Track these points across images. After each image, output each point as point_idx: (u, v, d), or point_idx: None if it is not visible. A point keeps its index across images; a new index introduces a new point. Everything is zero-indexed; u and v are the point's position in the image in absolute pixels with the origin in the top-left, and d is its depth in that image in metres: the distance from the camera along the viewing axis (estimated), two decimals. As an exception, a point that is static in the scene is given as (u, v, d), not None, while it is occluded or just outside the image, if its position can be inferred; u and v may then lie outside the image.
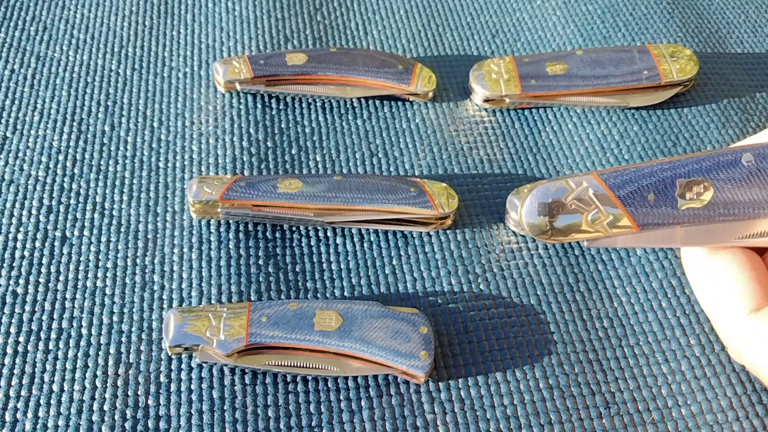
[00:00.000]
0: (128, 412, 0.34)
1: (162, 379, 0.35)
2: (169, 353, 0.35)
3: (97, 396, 0.34)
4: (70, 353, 0.36)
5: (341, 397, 0.35)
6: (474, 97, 0.48)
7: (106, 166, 0.44)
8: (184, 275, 0.39)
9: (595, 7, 0.55)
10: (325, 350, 0.35)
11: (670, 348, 0.37)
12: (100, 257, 0.39)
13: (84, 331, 0.36)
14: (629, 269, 0.40)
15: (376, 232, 0.41)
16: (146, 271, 0.39)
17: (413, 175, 0.44)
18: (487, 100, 0.47)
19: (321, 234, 0.41)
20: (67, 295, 0.38)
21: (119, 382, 0.35)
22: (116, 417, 0.34)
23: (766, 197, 0.28)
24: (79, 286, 0.38)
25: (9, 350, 0.36)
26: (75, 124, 0.46)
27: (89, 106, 0.47)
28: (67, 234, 0.40)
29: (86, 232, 0.40)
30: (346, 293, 0.39)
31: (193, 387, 0.35)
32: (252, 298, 0.38)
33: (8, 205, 0.41)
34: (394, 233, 0.41)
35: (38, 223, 0.41)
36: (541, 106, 0.48)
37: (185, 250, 0.40)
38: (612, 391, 0.35)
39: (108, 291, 0.38)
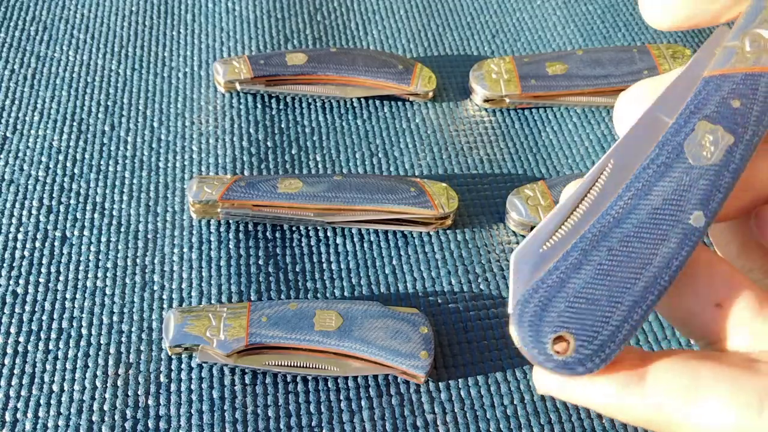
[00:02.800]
0: (128, 412, 0.34)
1: (162, 379, 0.35)
2: (169, 353, 0.35)
3: (97, 396, 0.34)
4: (70, 353, 0.36)
5: (341, 397, 0.35)
6: (474, 97, 0.48)
7: (106, 166, 0.44)
8: (184, 275, 0.39)
9: (595, 7, 0.55)
10: (325, 350, 0.35)
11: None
12: (100, 257, 0.39)
13: (84, 331, 0.36)
14: (629, 269, 0.40)
15: (376, 232, 0.41)
16: (146, 271, 0.39)
17: (413, 175, 0.44)
18: (487, 100, 0.47)
19: (321, 234, 0.41)
20: (67, 295, 0.38)
21: (119, 382, 0.35)
22: (116, 417, 0.34)
23: None
24: (79, 286, 0.38)
25: (9, 350, 0.36)
26: (75, 124, 0.46)
27: (89, 106, 0.47)
28: (67, 234, 0.40)
29: (86, 232, 0.40)
30: (346, 293, 0.39)
31: (193, 387, 0.35)
32: (252, 298, 0.38)
33: (8, 205, 0.41)
34: (394, 233, 0.41)
35: (38, 223, 0.41)
36: (541, 106, 0.48)
37: (185, 250, 0.40)
38: (612, 391, 0.35)
39: (108, 291, 0.38)
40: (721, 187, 0.20)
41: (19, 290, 0.38)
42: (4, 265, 0.39)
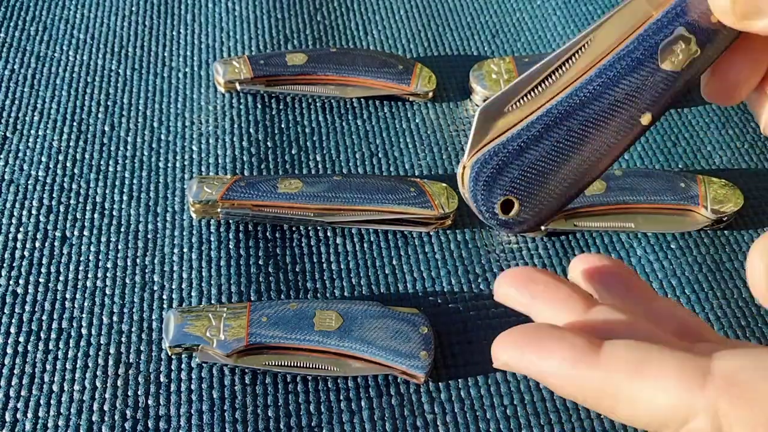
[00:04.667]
0: (128, 412, 0.34)
1: (162, 379, 0.35)
2: (169, 353, 0.35)
3: (97, 396, 0.34)
4: (70, 353, 0.36)
5: (341, 397, 0.35)
6: (474, 97, 0.48)
7: (106, 166, 0.44)
8: (184, 275, 0.39)
9: (595, 7, 0.55)
10: (325, 350, 0.35)
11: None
12: (100, 257, 0.39)
13: (84, 331, 0.36)
14: (629, 269, 0.40)
15: (376, 232, 0.41)
16: (146, 271, 0.39)
17: (413, 175, 0.44)
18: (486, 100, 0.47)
19: (321, 234, 0.41)
20: (67, 295, 0.38)
21: (119, 382, 0.35)
22: (116, 417, 0.34)
23: None
24: (79, 286, 0.38)
25: (9, 350, 0.36)
26: (75, 124, 0.46)
27: (89, 106, 0.47)
28: (67, 234, 0.40)
29: (86, 232, 0.40)
30: (346, 293, 0.39)
31: (193, 387, 0.35)
32: (252, 298, 0.38)
33: (8, 205, 0.41)
34: (394, 233, 0.41)
35: (38, 223, 0.41)
36: (541, 106, 0.48)
37: (185, 250, 0.40)
38: (612, 391, 0.35)
39: (108, 291, 0.38)
40: (673, 93, 0.21)
41: (19, 290, 0.38)
42: (4, 265, 0.39)
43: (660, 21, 0.21)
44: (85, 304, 0.37)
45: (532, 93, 0.21)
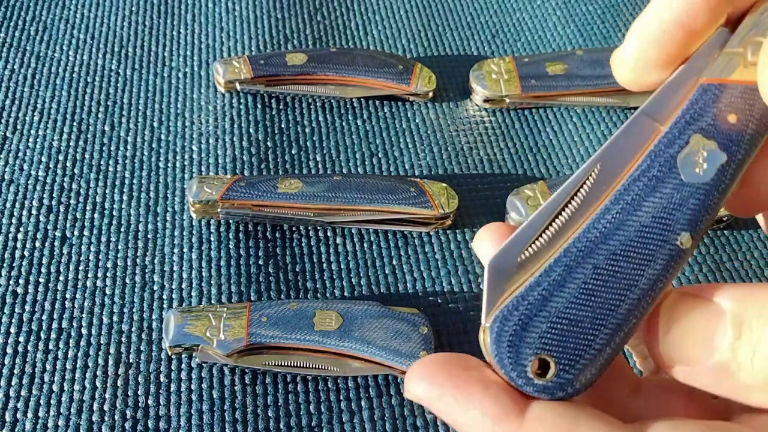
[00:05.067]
0: (128, 412, 0.34)
1: (162, 379, 0.35)
2: (169, 353, 0.35)
3: (97, 396, 0.34)
4: (70, 353, 0.36)
5: (341, 397, 0.35)
6: (474, 97, 0.48)
7: (106, 166, 0.44)
8: (184, 275, 0.39)
9: (595, 7, 0.55)
10: (325, 350, 0.35)
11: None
12: (100, 257, 0.39)
13: (84, 331, 0.36)
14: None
15: (376, 232, 0.41)
16: (146, 271, 0.39)
17: (413, 175, 0.44)
18: (487, 100, 0.47)
19: (321, 234, 0.41)
20: (67, 295, 0.38)
21: (119, 382, 0.35)
22: (116, 417, 0.34)
23: None
24: (79, 286, 0.38)
25: (9, 350, 0.36)
26: (75, 124, 0.46)
27: (89, 106, 0.47)
28: (67, 234, 0.40)
29: (86, 232, 0.40)
30: (346, 293, 0.39)
31: (193, 387, 0.35)
32: (252, 298, 0.38)
33: (8, 205, 0.41)
34: (394, 233, 0.41)
35: (38, 223, 0.41)
36: (541, 106, 0.48)
37: (185, 250, 0.40)
38: (612, 391, 0.35)
39: (108, 291, 0.38)
40: (710, 208, 0.18)
41: (19, 290, 0.38)
42: (4, 265, 0.39)
43: (670, 133, 0.19)
44: (85, 304, 0.37)
45: (545, 235, 0.19)
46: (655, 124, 0.19)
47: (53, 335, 0.36)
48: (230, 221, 0.41)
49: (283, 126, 0.46)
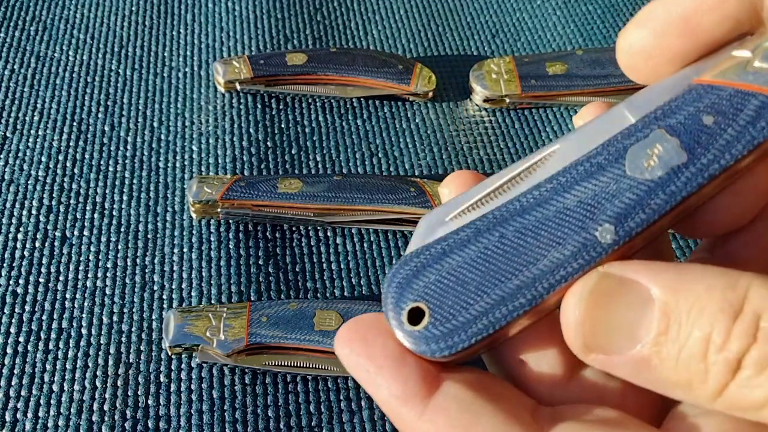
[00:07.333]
0: (128, 412, 0.34)
1: (162, 379, 0.35)
2: (169, 353, 0.35)
3: (97, 396, 0.34)
4: (70, 353, 0.36)
5: (341, 397, 0.35)
6: (474, 97, 0.48)
7: (106, 166, 0.44)
8: (184, 275, 0.39)
9: (595, 7, 0.55)
10: (325, 350, 0.35)
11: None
12: (100, 257, 0.39)
13: (84, 331, 0.36)
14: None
15: (376, 232, 0.41)
16: (146, 271, 0.39)
17: (413, 175, 0.44)
18: (487, 100, 0.47)
19: (321, 234, 0.41)
20: (67, 295, 0.38)
21: (119, 382, 0.35)
22: (116, 417, 0.34)
23: None
24: (79, 286, 0.38)
25: (9, 350, 0.36)
26: (75, 124, 0.46)
27: (89, 106, 0.47)
28: (67, 234, 0.40)
29: (86, 232, 0.40)
30: (346, 293, 0.39)
31: (193, 387, 0.35)
32: (252, 298, 0.38)
33: (8, 205, 0.41)
34: (394, 233, 0.41)
35: (38, 223, 0.41)
36: (541, 106, 0.48)
37: (185, 250, 0.40)
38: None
39: (108, 291, 0.38)
40: (648, 208, 0.17)
41: (19, 290, 0.38)
42: (4, 265, 0.39)
43: (635, 125, 0.18)
44: (85, 304, 0.37)
45: (481, 203, 0.19)
46: (628, 117, 0.18)
47: (53, 335, 0.36)
48: (230, 221, 0.41)
49: (283, 126, 0.46)
